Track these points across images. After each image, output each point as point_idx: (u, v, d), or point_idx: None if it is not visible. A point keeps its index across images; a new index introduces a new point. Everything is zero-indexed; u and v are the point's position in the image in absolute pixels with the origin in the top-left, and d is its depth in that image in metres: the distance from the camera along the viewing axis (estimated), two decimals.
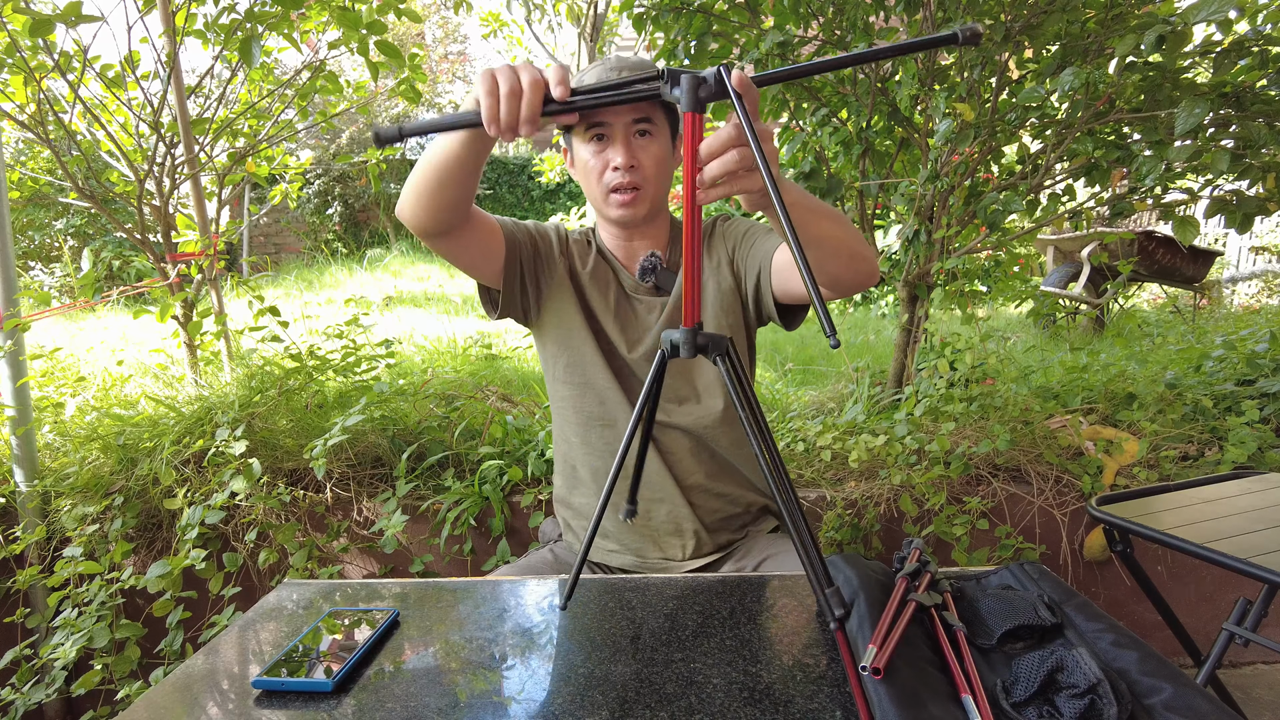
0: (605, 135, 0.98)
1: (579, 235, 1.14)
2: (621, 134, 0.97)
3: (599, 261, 1.11)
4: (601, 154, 0.99)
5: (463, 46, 9.92)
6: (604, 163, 0.99)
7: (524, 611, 0.75)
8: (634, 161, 0.98)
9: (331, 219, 7.96)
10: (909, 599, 0.63)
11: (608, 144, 0.99)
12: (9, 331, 1.76)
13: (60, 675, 1.56)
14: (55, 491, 1.74)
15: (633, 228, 1.07)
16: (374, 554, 1.77)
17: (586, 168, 1.01)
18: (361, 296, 4.48)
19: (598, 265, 1.10)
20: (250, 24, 1.91)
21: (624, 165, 0.97)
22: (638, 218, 1.03)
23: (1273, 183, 1.56)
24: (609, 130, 0.98)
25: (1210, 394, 1.97)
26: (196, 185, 2.14)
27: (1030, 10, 1.71)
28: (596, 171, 1.00)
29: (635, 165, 0.98)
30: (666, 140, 1.02)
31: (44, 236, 6.10)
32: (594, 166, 1.00)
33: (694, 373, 1.09)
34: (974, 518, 1.69)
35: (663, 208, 1.08)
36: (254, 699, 0.60)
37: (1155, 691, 0.52)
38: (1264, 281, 5.85)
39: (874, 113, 1.99)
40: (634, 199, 1.00)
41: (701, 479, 1.09)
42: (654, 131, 0.99)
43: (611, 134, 0.98)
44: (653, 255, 1.08)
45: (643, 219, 1.04)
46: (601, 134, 0.98)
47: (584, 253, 1.12)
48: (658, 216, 1.08)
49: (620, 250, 1.11)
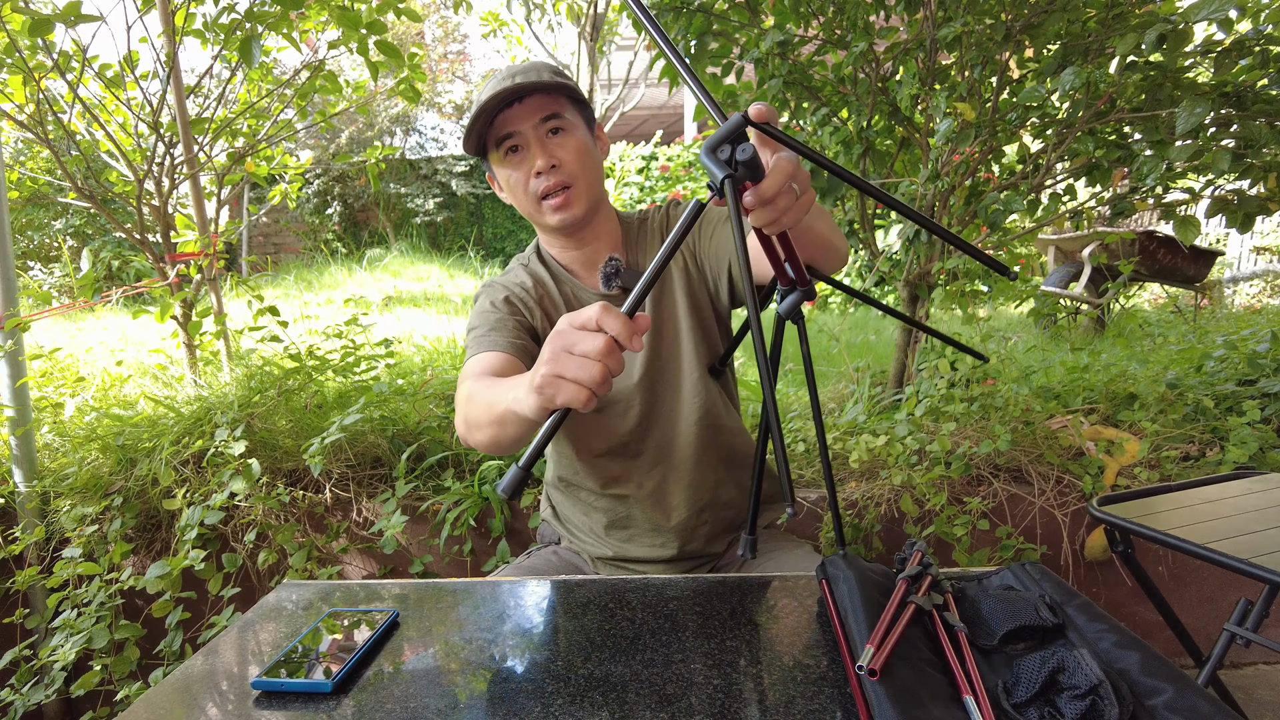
0: (519, 146, 0.95)
1: (523, 276, 1.06)
2: (534, 138, 0.94)
3: (556, 293, 1.05)
4: (520, 165, 0.96)
5: (462, 46, 9.91)
6: (525, 173, 0.96)
7: (524, 612, 0.74)
8: (554, 160, 0.95)
9: (331, 219, 7.96)
10: (909, 601, 0.63)
11: (524, 154, 0.95)
12: (9, 331, 1.76)
13: (59, 676, 1.55)
14: (54, 492, 1.74)
15: (578, 231, 1.01)
16: (373, 554, 1.76)
17: (510, 184, 0.98)
18: (361, 296, 4.48)
19: (556, 299, 1.05)
20: (250, 24, 1.91)
21: (544, 167, 0.94)
22: (577, 217, 0.98)
23: (1274, 182, 1.56)
24: (520, 139, 0.95)
25: (1211, 394, 1.97)
26: (196, 185, 2.14)
27: (1031, 10, 1.71)
28: (521, 184, 0.97)
29: (557, 164, 0.95)
30: (583, 130, 0.98)
31: (43, 236, 6.10)
32: (517, 180, 0.97)
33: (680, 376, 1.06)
34: (975, 518, 1.69)
35: (602, 202, 1.03)
36: (253, 700, 0.60)
37: (1157, 692, 0.51)
38: (1265, 281, 5.85)
39: (874, 112, 1.99)
40: (566, 199, 0.96)
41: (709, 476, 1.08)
42: (566, 126, 0.96)
43: (524, 142, 0.95)
44: (612, 260, 1.02)
45: (583, 217, 0.99)
46: (515, 145, 0.95)
47: (540, 291, 1.05)
48: (600, 213, 1.03)
49: (575, 261, 1.06)
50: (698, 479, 1.06)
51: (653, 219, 1.09)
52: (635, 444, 1.06)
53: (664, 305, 1.05)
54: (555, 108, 0.95)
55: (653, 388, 1.05)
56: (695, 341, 1.04)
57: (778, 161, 0.55)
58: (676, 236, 0.54)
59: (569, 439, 1.07)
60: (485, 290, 1.07)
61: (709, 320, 1.07)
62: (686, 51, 1.97)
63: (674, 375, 1.05)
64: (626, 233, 1.08)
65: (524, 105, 0.94)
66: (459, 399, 0.90)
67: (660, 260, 0.54)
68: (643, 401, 1.04)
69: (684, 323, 1.04)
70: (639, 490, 1.07)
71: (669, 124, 11.84)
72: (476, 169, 8.35)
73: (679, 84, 2.18)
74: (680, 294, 1.04)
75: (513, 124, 0.94)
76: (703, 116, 2.15)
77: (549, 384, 0.58)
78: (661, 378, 1.05)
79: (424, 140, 9.06)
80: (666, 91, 7.69)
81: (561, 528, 1.18)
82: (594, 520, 1.11)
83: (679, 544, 1.07)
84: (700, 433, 1.04)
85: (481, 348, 0.96)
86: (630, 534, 1.09)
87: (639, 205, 5.83)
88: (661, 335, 1.05)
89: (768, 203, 0.55)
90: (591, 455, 1.06)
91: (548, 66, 0.97)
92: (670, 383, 1.05)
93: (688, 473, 1.05)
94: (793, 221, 0.58)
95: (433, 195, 8.11)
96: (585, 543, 1.13)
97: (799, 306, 0.68)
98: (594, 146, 1.00)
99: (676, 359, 1.05)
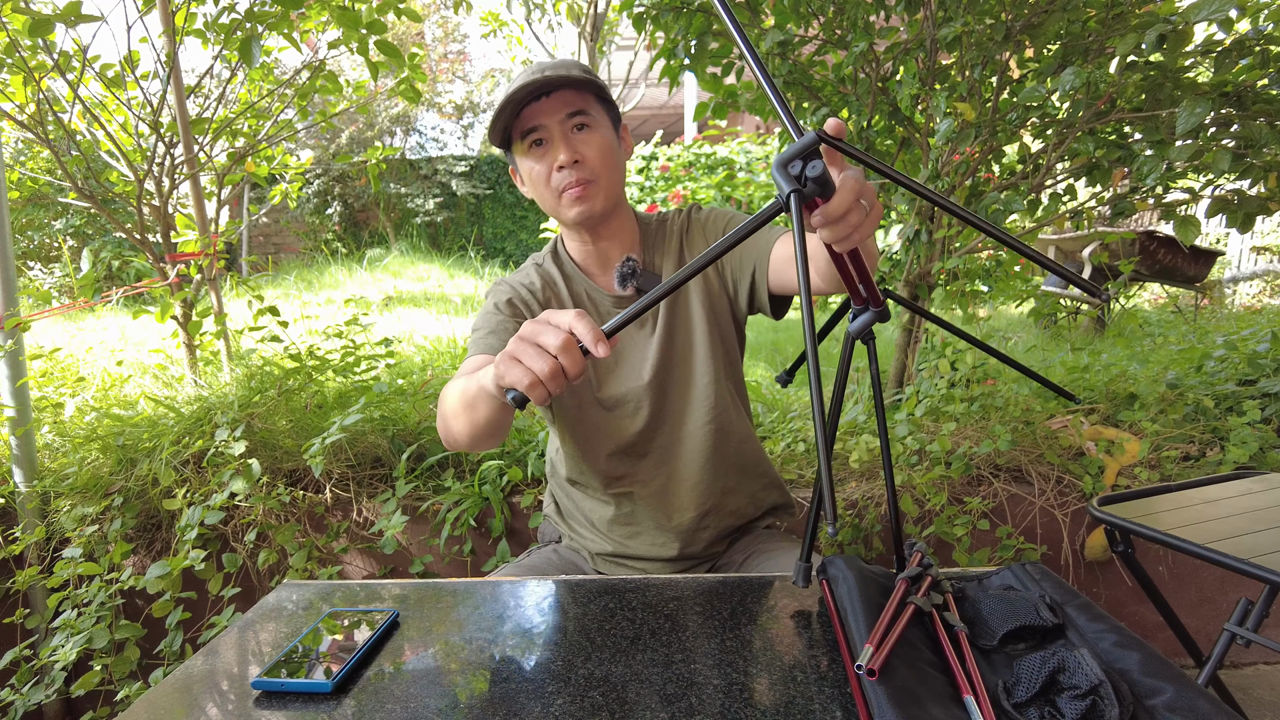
0: (544, 140, 0.96)
1: (533, 276, 1.07)
2: (559, 133, 0.94)
3: (566, 293, 1.06)
4: (544, 158, 0.96)
5: (462, 46, 9.91)
6: (548, 166, 0.96)
7: (524, 612, 0.74)
8: (578, 156, 0.95)
9: (331, 219, 7.97)
10: (908, 601, 0.63)
11: (547, 147, 0.96)
12: (9, 331, 1.76)
13: (60, 676, 1.55)
14: (55, 492, 1.74)
15: (595, 225, 1.02)
16: (374, 554, 1.76)
17: (533, 177, 0.98)
18: (361, 296, 4.48)
19: (565, 299, 1.06)
20: (250, 24, 1.91)
21: (567, 162, 0.94)
22: (595, 211, 0.98)
23: (1274, 182, 1.56)
24: (545, 133, 0.95)
25: (1211, 394, 1.97)
26: (196, 185, 2.14)
27: (1031, 10, 1.71)
28: (543, 177, 0.97)
29: (580, 160, 0.95)
30: (608, 129, 0.99)
31: (43, 236, 6.10)
32: (539, 173, 0.97)
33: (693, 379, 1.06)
34: (975, 518, 1.69)
35: (621, 202, 1.04)
36: (253, 700, 0.60)
37: (1157, 692, 0.51)
38: (1265, 281, 5.85)
39: (875, 112, 1.99)
40: (586, 192, 0.96)
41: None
42: (591, 123, 0.96)
43: (549, 136, 0.95)
44: (629, 260, 1.03)
45: (601, 213, 0.99)
46: (540, 139, 0.96)
47: (549, 294, 1.06)
48: (619, 212, 1.04)
49: (591, 258, 1.06)
50: (704, 482, 1.06)
51: (673, 221, 1.09)
52: (642, 444, 1.06)
53: (678, 308, 1.05)
54: (582, 104, 0.95)
55: (663, 389, 1.05)
56: (710, 345, 1.04)
57: (845, 179, 0.54)
58: (719, 249, 0.54)
59: (577, 441, 1.07)
60: (494, 289, 1.08)
61: (726, 324, 1.07)
62: (687, 51, 1.97)
63: (685, 378, 1.05)
64: (645, 234, 1.08)
65: (551, 100, 0.94)
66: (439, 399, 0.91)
67: (671, 283, 0.54)
68: (652, 402, 1.04)
69: (698, 326, 1.04)
70: (644, 489, 1.07)
71: (669, 124, 11.85)
72: (477, 169, 8.35)
73: (679, 84, 2.17)
74: (696, 298, 1.04)
75: (539, 117, 0.94)
76: (702, 117, 2.15)
77: (503, 361, 0.61)
78: (672, 380, 1.05)
79: (424, 140, 9.07)
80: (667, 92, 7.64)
81: (564, 524, 1.18)
82: (598, 516, 1.11)
83: (680, 545, 1.08)
84: (708, 436, 1.05)
85: (476, 350, 0.98)
86: (633, 531, 1.10)
87: (639, 205, 5.82)
88: (674, 337, 1.05)
89: (837, 220, 0.54)
90: (599, 455, 1.06)
91: (577, 64, 0.97)
92: (680, 385, 1.05)
93: (693, 475, 1.06)
94: (863, 238, 0.57)
95: (433, 195, 8.12)
96: (587, 539, 1.14)
97: (870, 327, 0.66)
98: (618, 145, 1.01)
99: (689, 362, 1.05)
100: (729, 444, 1.07)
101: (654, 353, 1.04)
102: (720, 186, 5.84)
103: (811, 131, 0.51)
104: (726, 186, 5.84)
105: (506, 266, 7.86)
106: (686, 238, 1.07)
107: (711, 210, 1.09)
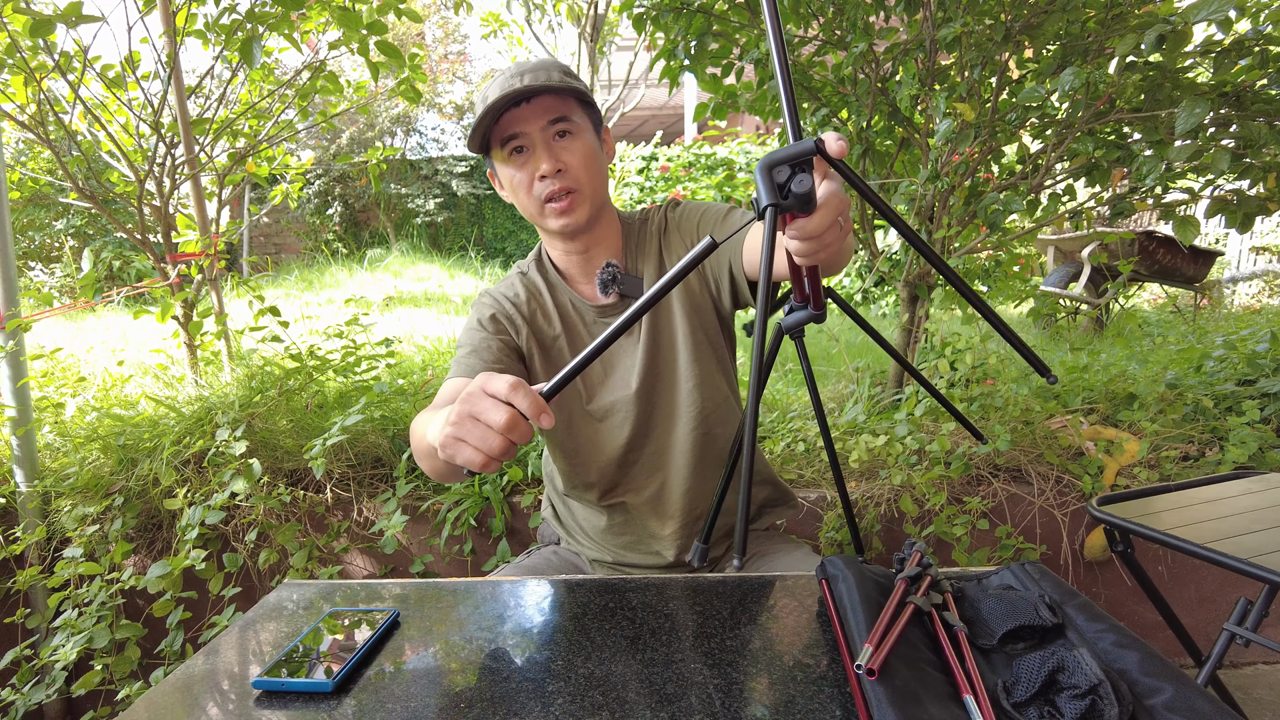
0: (524, 147, 0.93)
1: (519, 287, 1.05)
2: (540, 140, 0.92)
3: (550, 304, 1.04)
4: (525, 166, 0.94)
5: (463, 46, 9.92)
6: (530, 175, 0.94)
7: (524, 612, 0.75)
8: (560, 165, 0.92)
9: (331, 219, 7.97)
10: (907, 601, 0.63)
11: (529, 155, 0.93)
12: (10, 332, 1.77)
13: (60, 676, 1.56)
14: (55, 492, 1.74)
15: (580, 235, 0.99)
16: (374, 554, 1.77)
17: (514, 184, 0.96)
18: (361, 296, 4.48)
19: (550, 310, 1.04)
20: (251, 24, 1.92)
21: (550, 171, 0.92)
22: (580, 222, 0.96)
23: (1273, 182, 1.56)
24: (526, 140, 0.92)
25: (1211, 394, 1.97)
26: (196, 185, 2.15)
27: (1030, 10, 1.71)
28: (525, 186, 0.95)
29: (563, 168, 0.93)
30: (590, 134, 0.96)
31: (44, 236, 6.10)
32: (521, 181, 0.94)
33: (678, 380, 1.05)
34: (974, 518, 1.69)
35: (605, 206, 1.02)
36: (254, 699, 0.60)
37: (1156, 692, 0.51)
38: (1264, 281, 5.85)
39: (874, 113, 1.99)
40: (571, 203, 0.94)
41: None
42: (573, 129, 0.94)
43: (530, 143, 0.93)
44: (609, 266, 1.01)
45: (586, 223, 0.97)
46: (520, 146, 0.93)
47: (534, 305, 1.04)
48: (602, 218, 1.01)
49: (574, 265, 1.04)
50: (695, 487, 1.05)
51: (653, 220, 1.07)
52: (633, 453, 1.05)
53: (661, 314, 1.03)
54: (563, 110, 0.93)
55: (649, 397, 1.03)
56: (693, 349, 1.02)
57: (829, 199, 0.52)
58: (672, 278, 0.52)
59: (568, 455, 1.06)
60: (477, 303, 1.06)
61: (711, 325, 1.04)
62: (687, 52, 1.97)
63: (671, 384, 1.04)
64: (627, 236, 1.06)
65: (532, 106, 0.92)
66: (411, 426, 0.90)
67: (625, 320, 0.54)
68: (639, 411, 1.03)
69: (680, 331, 1.02)
70: (636, 498, 1.06)
71: (669, 124, 11.84)
72: (477, 169, 8.35)
73: (679, 85, 2.17)
74: (678, 302, 1.02)
75: (519, 124, 0.92)
76: (702, 117, 2.15)
77: (449, 444, 0.61)
78: (658, 387, 1.04)
79: (424, 141, 9.07)
80: (667, 92, 7.65)
81: (561, 530, 1.18)
82: (592, 526, 1.11)
83: (675, 551, 1.07)
84: (696, 440, 1.03)
85: (457, 371, 0.96)
86: (628, 541, 1.09)
87: (639, 205, 5.83)
88: (658, 344, 1.03)
89: (813, 239, 0.53)
90: (591, 467, 1.05)
91: (557, 66, 0.95)
92: (666, 391, 1.04)
93: (684, 480, 1.04)
94: (830, 257, 0.56)
95: (433, 195, 8.12)
96: (584, 546, 1.14)
97: (803, 326, 0.67)
98: (600, 150, 0.99)
99: (673, 368, 1.03)
100: (716, 446, 1.05)
101: (640, 360, 1.02)
102: (720, 187, 5.85)
103: (810, 140, 0.49)
104: (726, 187, 5.84)
105: (507, 266, 7.85)
106: (664, 239, 1.05)
107: (684, 206, 1.06)
